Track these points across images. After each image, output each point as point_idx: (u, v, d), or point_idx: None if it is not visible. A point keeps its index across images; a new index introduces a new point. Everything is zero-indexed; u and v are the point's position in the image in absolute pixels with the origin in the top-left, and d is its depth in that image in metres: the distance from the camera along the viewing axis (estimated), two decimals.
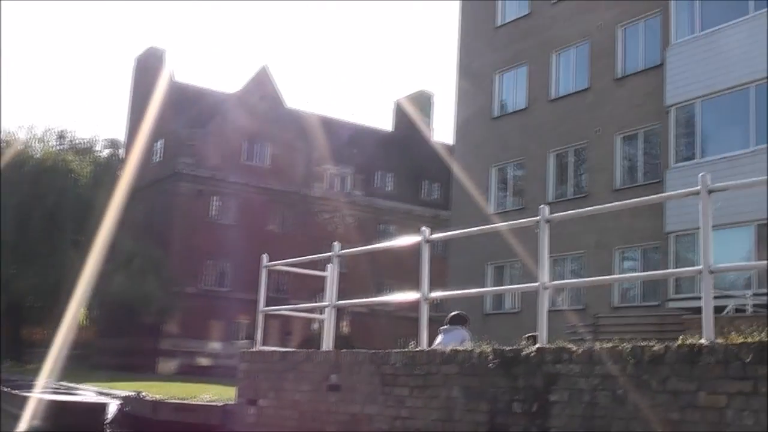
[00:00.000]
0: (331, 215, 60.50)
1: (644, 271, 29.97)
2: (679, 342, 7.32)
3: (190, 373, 49.41)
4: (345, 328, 58.54)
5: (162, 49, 64.08)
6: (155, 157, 60.01)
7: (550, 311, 30.19)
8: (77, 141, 59.03)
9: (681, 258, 27.74)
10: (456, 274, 36.68)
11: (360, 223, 61.25)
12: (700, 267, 7.73)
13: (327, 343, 12.14)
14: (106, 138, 62.53)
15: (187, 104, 58.83)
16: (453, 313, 14.09)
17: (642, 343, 7.71)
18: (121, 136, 64.89)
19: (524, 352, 8.72)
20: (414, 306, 11.85)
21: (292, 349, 13.04)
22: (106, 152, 61.63)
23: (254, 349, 13.57)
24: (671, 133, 28.88)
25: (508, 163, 36.30)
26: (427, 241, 10.73)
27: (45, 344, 52.05)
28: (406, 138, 68.79)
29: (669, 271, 24.69)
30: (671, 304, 27.05)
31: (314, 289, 56.89)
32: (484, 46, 38.51)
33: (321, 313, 13.92)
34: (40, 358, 49.35)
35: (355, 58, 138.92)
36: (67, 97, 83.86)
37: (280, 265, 14.68)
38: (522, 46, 36.51)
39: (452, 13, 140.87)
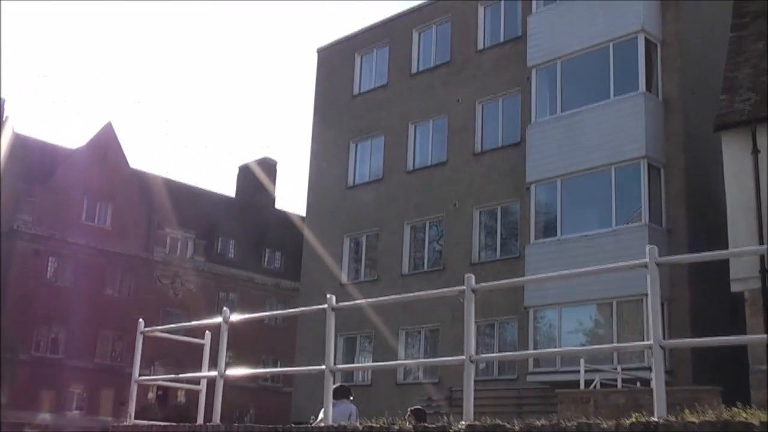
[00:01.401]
0: (171, 281, 58.92)
1: (500, 346, 29.98)
2: (633, 419, 6.89)
3: None
4: (181, 398, 56.81)
5: (1, 98, 61.75)
6: None
7: (403, 384, 29.90)
8: None
9: (540, 332, 27.84)
10: (305, 345, 35.91)
11: (201, 290, 59.86)
12: (651, 342, 7.36)
13: (215, 416, 11.17)
14: None
15: (27, 157, 56.46)
16: (337, 385, 13.42)
17: (588, 421, 7.25)
18: None
19: (453, 430, 8.12)
20: (251, 378, 11.19)
21: (172, 423, 11.99)
22: None
23: (127, 423, 12.42)
24: (531, 210, 29.10)
25: (363, 233, 35.90)
26: (333, 309, 10.06)
27: None
28: (249, 204, 67.98)
29: (614, 345, 24.47)
30: (530, 378, 27.06)
31: (149, 357, 55.27)
32: (340, 114, 38.26)
33: (198, 383, 13.13)
34: None
35: (200, 120, 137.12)
36: None
37: (158, 331, 13.60)
38: (379, 115, 36.44)
39: (302, 81, 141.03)
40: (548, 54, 29.95)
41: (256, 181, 71.33)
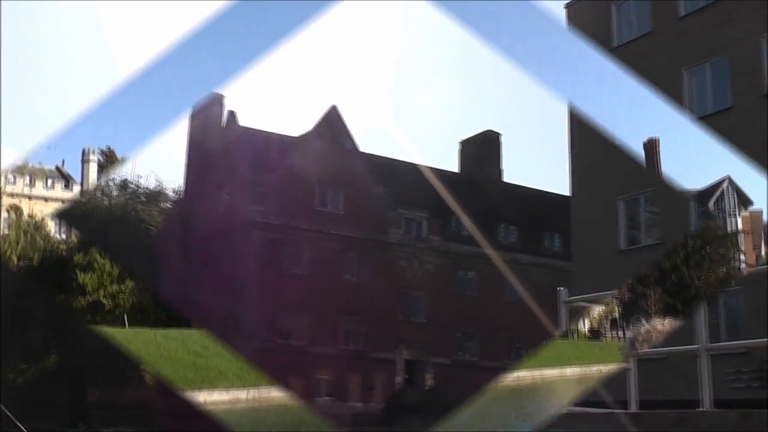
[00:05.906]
0: (409, 262, 57.30)
1: None
2: None
3: None
4: (430, 381, 55.37)
5: (221, 94, 61.34)
6: (223, 205, 56.92)
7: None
8: (141, 190, 56.38)
9: None
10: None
11: (439, 270, 58.05)
12: None
13: (704, 400, 8.65)
14: (169, 186, 59.75)
15: (253, 149, 55.71)
16: None
17: None
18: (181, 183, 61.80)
19: None
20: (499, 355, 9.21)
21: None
22: (170, 202, 58.93)
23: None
24: None
25: (639, 194, 33.18)
26: None
27: (111, 406, 48.79)
28: (475, 179, 65.56)
29: None
30: None
31: (394, 340, 54.07)
32: None
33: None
34: (112, 421, 46.23)
35: (415, 97, 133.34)
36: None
37: (580, 300, 11.18)
38: (645, 66, 33.43)
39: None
40: None
41: (480, 155, 69.08)
